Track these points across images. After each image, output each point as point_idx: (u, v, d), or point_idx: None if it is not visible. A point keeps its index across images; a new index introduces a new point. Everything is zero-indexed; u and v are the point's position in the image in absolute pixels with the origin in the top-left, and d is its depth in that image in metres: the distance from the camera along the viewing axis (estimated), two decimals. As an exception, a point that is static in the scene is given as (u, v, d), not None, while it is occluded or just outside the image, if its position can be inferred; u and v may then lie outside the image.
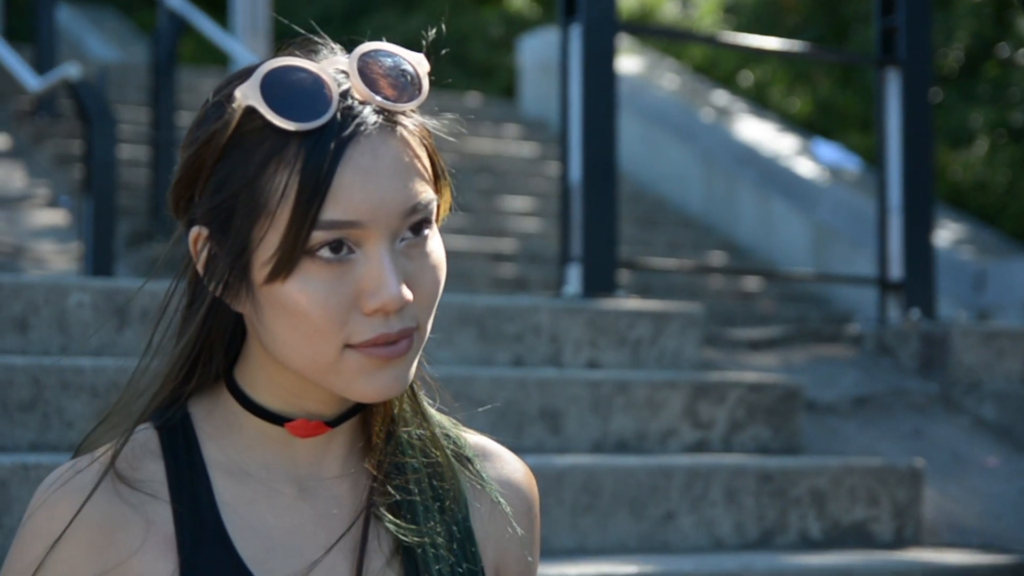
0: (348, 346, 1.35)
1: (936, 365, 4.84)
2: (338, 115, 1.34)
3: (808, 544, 3.84)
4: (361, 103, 1.35)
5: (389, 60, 1.38)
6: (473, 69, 13.34)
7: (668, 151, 9.22)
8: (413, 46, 1.43)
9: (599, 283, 4.55)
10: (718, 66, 11.44)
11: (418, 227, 1.37)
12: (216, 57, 12.41)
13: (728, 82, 11.11)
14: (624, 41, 10.25)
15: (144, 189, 7.21)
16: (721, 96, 9.84)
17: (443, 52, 1.45)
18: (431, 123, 1.42)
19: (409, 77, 1.38)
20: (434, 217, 1.39)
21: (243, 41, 8.50)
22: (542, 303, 4.28)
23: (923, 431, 4.58)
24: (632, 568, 3.37)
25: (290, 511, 1.43)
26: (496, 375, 3.84)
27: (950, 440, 4.54)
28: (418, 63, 1.40)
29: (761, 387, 4.14)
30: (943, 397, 4.75)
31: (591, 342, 4.22)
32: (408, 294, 1.34)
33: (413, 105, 1.38)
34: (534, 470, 3.59)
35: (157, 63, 7.33)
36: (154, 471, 1.41)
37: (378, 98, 1.35)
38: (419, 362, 1.49)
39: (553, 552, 3.55)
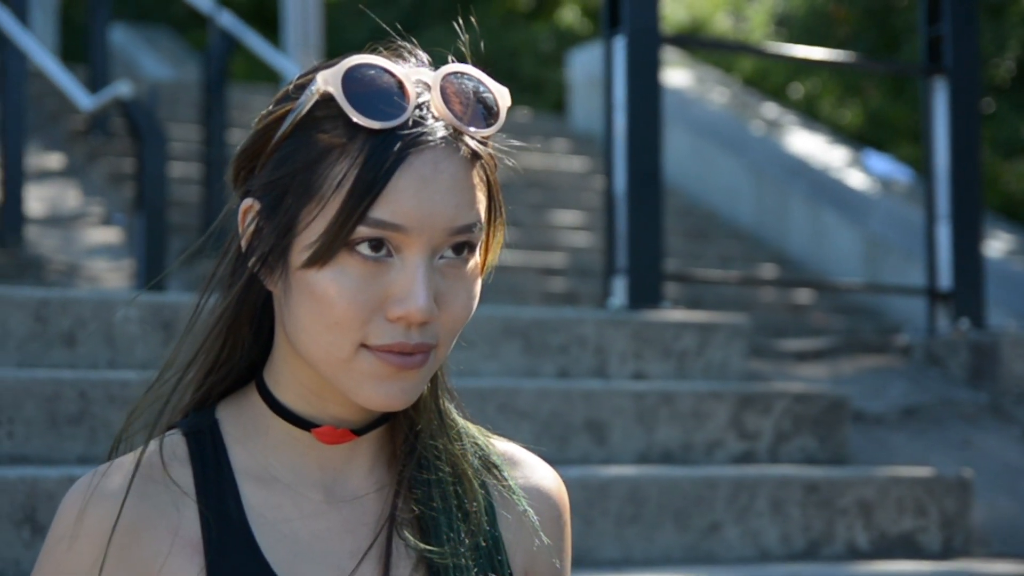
0: (364, 346, 1.36)
1: (985, 375, 4.81)
2: (410, 121, 1.35)
3: (855, 554, 3.82)
4: (435, 118, 1.37)
5: (471, 84, 1.40)
6: (524, 84, 13.37)
7: (718, 164, 9.21)
8: (464, 62, 1.44)
9: (645, 295, 4.55)
10: (768, 79, 11.42)
11: (460, 248, 1.37)
12: (267, 75, 12.50)
13: (778, 95, 11.08)
14: (673, 55, 10.25)
15: (196, 206, 7.27)
16: (771, 109, 9.82)
17: (472, 59, 1.46)
18: (505, 147, 1.44)
19: (487, 105, 1.40)
20: (478, 245, 1.40)
21: (294, 58, 8.55)
22: (587, 315, 4.28)
23: (972, 441, 4.55)
24: (677, 579, 3.37)
25: (316, 516, 1.44)
26: (541, 387, 3.84)
27: (1000, 450, 4.51)
28: (500, 95, 1.42)
29: (807, 398, 4.13)
30: (992, 407, 4.72)
31: (636, 354, 4.22)
32: (434, 310, 1.35)
33: (485, 132, 1.39)
34: (578, 481, 3.62)
35: (208, 81, 7.39)
36: (181, 475, 1.42)
37: (452, 117, 1.37)
38: (445, 373, 1.50)
39: (598, 563, 3.56)
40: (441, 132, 1.36)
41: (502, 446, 1.54)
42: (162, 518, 1.40)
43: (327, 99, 1.37)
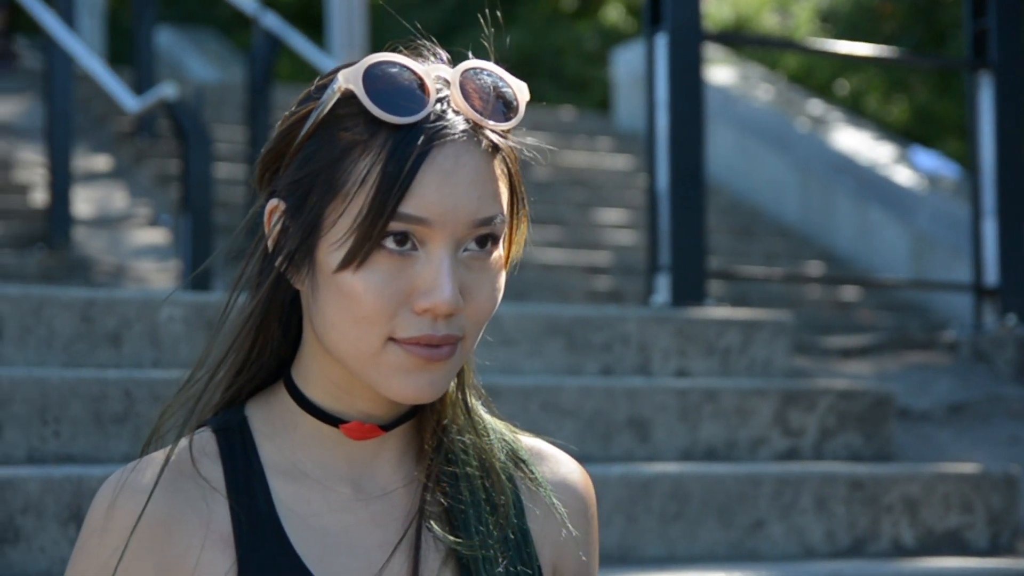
0: (392, 340, 1.38)
1: (1033, 371, 4.78)
2: (431, 116, 1.37)
3: (901, 552, 3.80)
4: (455, 113, 1.39)
5: (490, 79, 1.42)
6: (568, 83, 13.36)
7: (764, 161, 9.18)
8: (508, 62, 1.46)
9: (688, 292, 4.54)
10: (813, 75, 11.38)
11: (483, 241, 1.39)
12: (312, 75, 12.53)
13: (824, 91, 11.04)
14: (718, 53, 10.22)
15: (241, 207, 7.30)
16: (817, 105, 9.78)
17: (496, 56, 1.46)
18: (524, 142, 1.45)
19: (506, 100, 1.42)
20: (501, 238, 1.41)
21: (339, 59, 8.58)
22: (630, 312, 4.28)
23: (1019, 437, 4.52)
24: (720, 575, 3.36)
25: (345, 510, 1.45)
26: (584, 384, 3.84)
27: (1047, 447, 4.48)
28: (519, 89, 1.44)
29: (852, 394, 4.11)
30: (1040, 404, 4.69)
31: (680, 351, 4.21)
32: (460, 302, 1.37)
33: (505, 126, 1.41)
34: (621, 479, 3.61)
35: (253, 82, 7.43)
36: (212, 471, 1.44)
37: (472, 111, 1.39)
38: (471, 370, 1.52)
39: (642, 561, 3.55)
40: (462, 126, 1.38)
41: (528, 441, 1.56)
42: (193, 513, 1.41)
43: (348, 97, 1.39)
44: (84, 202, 7.78)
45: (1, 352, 3.49)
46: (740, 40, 8.93)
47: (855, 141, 8.97)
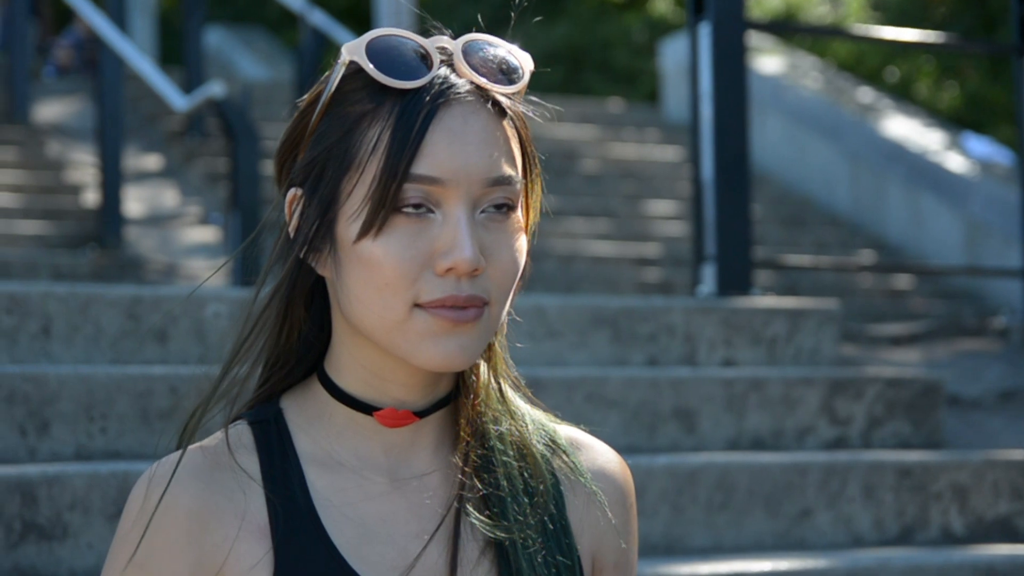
0: (417, 306, 1.38)
1: (1084, 357, 4.74)
2: (435, 80, 1.39)
3: (950, 539, 3.78)
4: (459, 77, 1.40)
5: (492, 49, 1.44)
6: (617, 75, 13.34)
7: (813, 150, 9.13)
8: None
9: (734, 282, 4.53)
10: (863, 63, 11.31)
11: (499, 205, 1.40)
12: (363, 73, 12.55)
13: (874, 79, 10.97)
14: (767, 42, 10.18)
15: (290, 204, 7.33)
16: (866, 93, 9.72)
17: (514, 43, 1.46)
18: (529, 108, 1.46)
19: (510, 67, 1.44)
20: (519, 202, 1.42)
21: (386, 55, 8.60)
22: (676, 303, 4.26)
23: (1071, 424, 4.48)
24: (767, 565, 3.35)
25: (382, 500, 1.45)
26: (629, 375, 3.84)
27: (1099, 433, 4.44)
28: (522, 58, 1.45)
29: (900, 382, 4.08)
30: (1092, 390, 4.65)
31: (726, 341, 4.20)
32: (480, 259, 1.37)
33: (509, 89, 1.42)
34: (667, 469, 3.60)
35: (301, 80, 7.46)
36: (248, 462, 1.44)
37: (476, 76, 1.41)
38: (503, 358, 1.51)
39: (688, 550, 3.55)
40: (467, 87, 1.40)
41: (565, 431, 1.55)
42: (229, 504, 1.42)
43: (354, 73, 1.41)
44: (135, 201, 7.84)
45: (49, 350, 3.52)
46: (785, 28, 8.88)
47: (906, 128, 8.91)
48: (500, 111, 1.42)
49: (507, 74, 1.43)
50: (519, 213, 1.43)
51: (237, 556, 1.41)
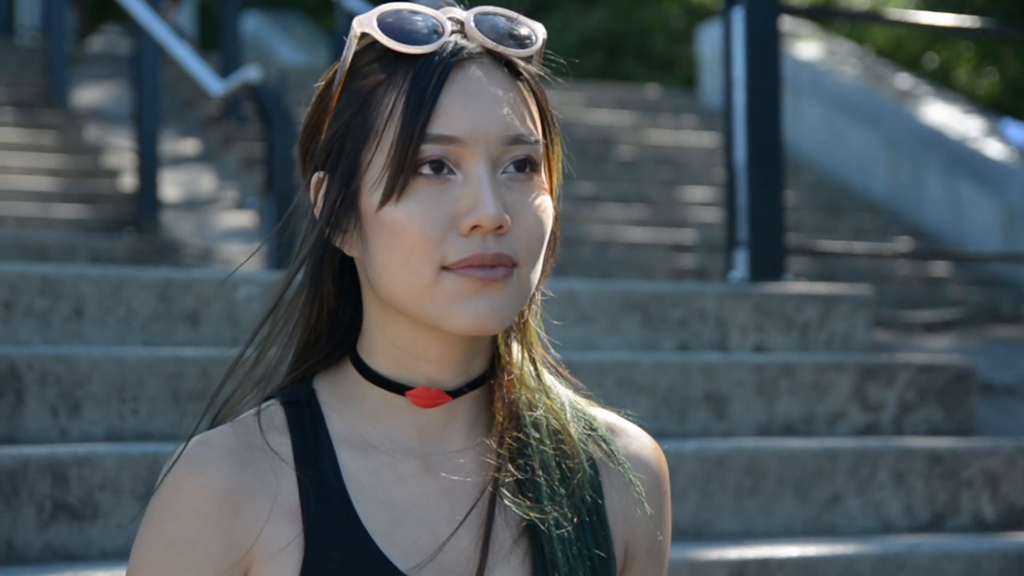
0: (444, 268, 1.37)
1: (1120, 344, 4.70)
2: (447, 45, 1.39)
3: (981, 526, 3.76)
4: (470, 42, 1.40)
5: (503, 19, 1.43)
6: (655, 61, 13.31)
7: (851, 137, 9.09)
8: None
9: (766, 268, 4.51)
10: (902, 49, 11.25)
11: (521, 165, 1.39)
12: (400, 58, 12.55)
13: (912, 65, 10.91)
14: (805, 27, 10.14)
15: (326, 188, 7.34)
16: (905, 79, 9.67)
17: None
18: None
19: (521, 34, 1.43)
20: (542, 164, 1.42)
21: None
22: (708, 288, 4.26)
23: (1105, 412, 4.46)
24: (796, 550, 3.35)
25: (414, 482, 1.43)
26: (659, 360, 3.83)
27: None
28: (534, 27, 1.45)
29: (932, 368, 4.07)
30: None
31: (758, 326, 4.19)
32: (504, 216, 1.36)
33: (521, 52, 1.42)
34: (696, 454, 3.60)
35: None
36: (280, 444, 1.43)
37: (488, 40, 1.41)
38: (538, 339, 1.49)
39: (718, 535, 3.54)
40: (478, 50, 1.40)
41: (603, 415, 1.53)
42: (261, 486, 1.40)
43: (367, 46, 1.41)
44: (172, 186, 7.87)
45: (82, 331, 3.54)
46: (821, 13, 8.83)
47: (944, 115, 8.86)
48: (514, 73, 1.41)
49: (518, 39, 1.42)
50: (542, 175, 1.42)
51: (268, 538, 1.39)
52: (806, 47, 9.72)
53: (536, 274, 1.41)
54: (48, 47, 8.87)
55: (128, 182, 7.59)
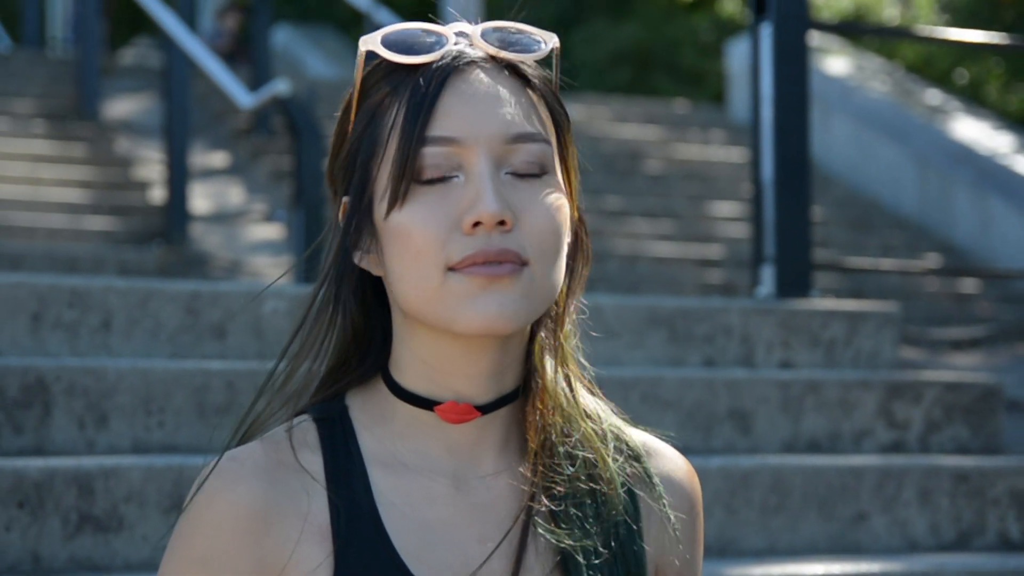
0: (451, 269, 1.36)
1: None
2: (449, 53, 1.40)
3: (1007, 545, 3.74)
4: (475, 50, 1.41)
5: (512, 30, 1.43)
6: (684, 76, 13.30)
7: (880, 152, 9.07)
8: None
9: (793, 284, 4.50)
10: (932, 65, 11.23)
11: (529, 163, 1.39)
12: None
13: (942, 81, 10.89)
14: (835, 43, 10.12)
15: (354, 202, 7.36)
16: (934, 95, 9.65)
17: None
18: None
19: (528, 39, 1.43)
20: (553, 165, 1.41)
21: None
22: (733, 304, 4.25)
23: None
24: (821, 568, 3.34)
25: (445, 503, 1.42)
26: (685, 376, 3.83)
27: None
28: (544, 35, 1.44)
29: (959, 386, 4.05)
30: None
31: (783, 343, 4.18)
32: (507, 210, 1.36)
33: (526, 57, 1.42)
34: (721, 470, 3.60)
35: (366, 78, 7.48)
36: (311, 462, 1.42)
37: (492, 48, 1.41)
38: (570, 356, 1.46)
39: (742, 552, 3.54)
40: (481, 55, 1.41)
41: (638, 436, 1.51)
42: (292, 504, 1.40)
43: (375, 66, 1.42)
44: (201, 198, 7.90)
45: (109, 343, 3.56)
46: (850, 29, 8.83)
47: (974, 131, 8.84)
48: (521, 79, 1.41)
49: (524, 45, 1.42)
50: (557, 177, 1.41)
51: (298, 557, 1.39)
52: (835, 62, 9.71)
53: (555, 275, 1.40)
54: (80, 59, 8.91)
55: (158, 194, 7.62)
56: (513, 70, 1.42)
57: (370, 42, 1.41)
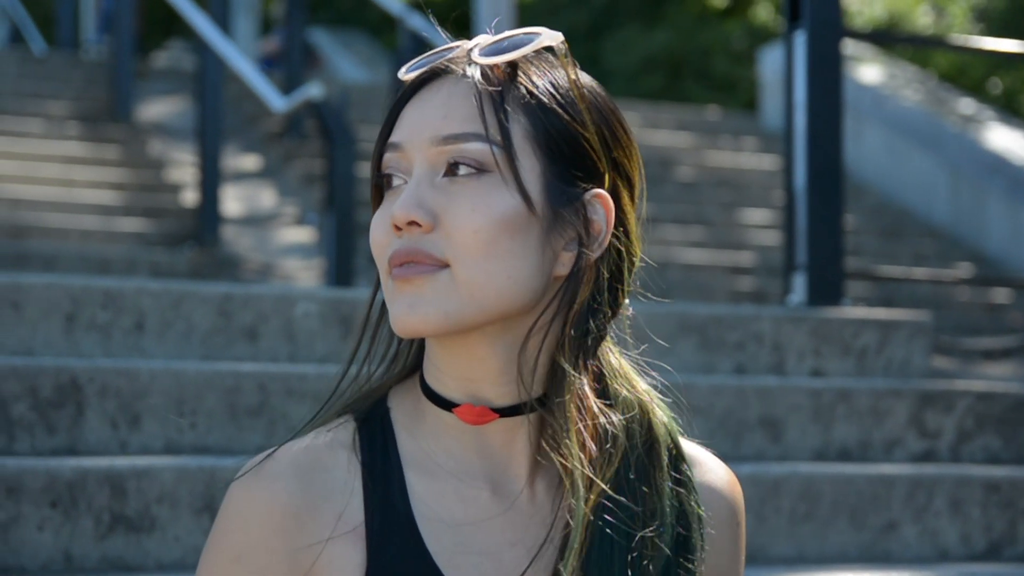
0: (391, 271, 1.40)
1: None
2: (439, 66, 1.42)
3: (1038, 556, 3.73)
4: (460, 59, 1.42)
5: (511, 35, 1.43)
6: (716, 83, 13.29)
7: (913, 161, 9.05)
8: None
9: (825, 292, 4.50)
10: (966, 74, 11.20)
11: (454, 165, 1.38)
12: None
13: (976, 90, 10.85)
14: (868, 51, 10.10)
15: (386, 206, 7.37)
16: (968, 104, 9.61)
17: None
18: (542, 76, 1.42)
19: (512, 42, 1.42)
20: (498, 164, 1.38)
21: (484, 60, 8.63)
22: (765, 312, 4.25)
23: None
24: (850, 577, 3.34)
25: (478, 506, 1.42)
26: (715, 383, 3.83)
27: None
28: (545, 34, 1.42)
29: (991, 396, 4.04)
30: None
31: (815, 351, 4.18)
32: (416, 213, 1.36)
33: (493, 60, 1.40)
34: (751, 478, 3.59)
35: (398, 83, 7.49)
36: (350, 463, 1.42)
37: (470, 50, 1.42)
38: (577, 347, 1.42)
39: (771, 560, 3.53)
40: (463, 65, 1.41)
41: (685, 445, 1.50)
42: (327, 504, 1.40)
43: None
44: (233, 201, 7.93)
45: (142, 345, 3.58)
46: (883, 38, 8.81)
47: (1008, 140, 8.80)
48: (484, 78, 1.40)
49: (506, 48, 1.41)
50: (503, 174, 1.38)
51: (330, 557, 1.39)
52: (868, 70, 9.69)
53: (487, 275, 1.37)
54: (113, 62, 8.96)
55: (190, 197, 7.65)
56: (508, 75, 1.40)
57: (404, 70, 1.45)
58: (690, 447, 1.51)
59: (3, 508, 2.90)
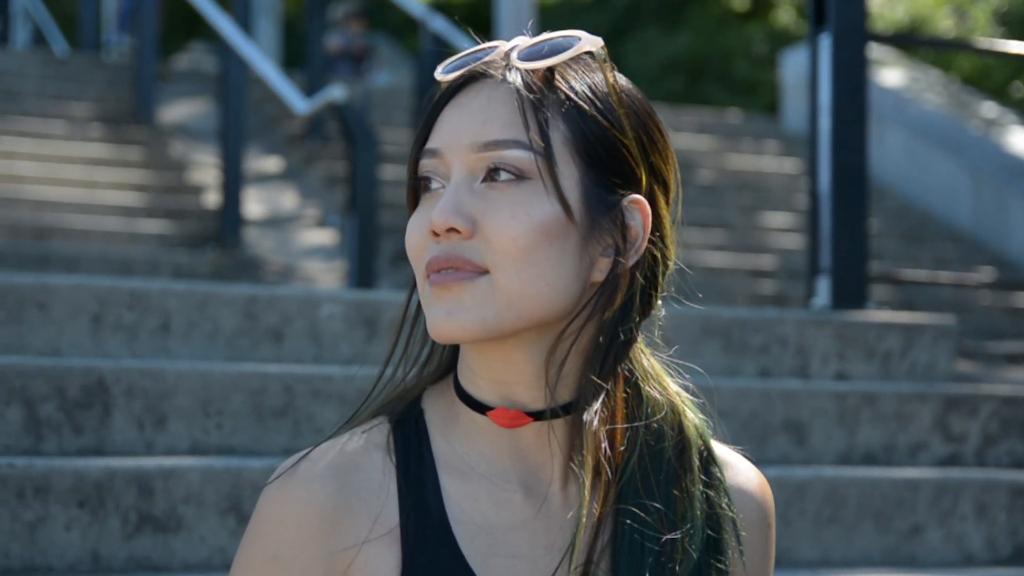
0: (429, 276, 1.39)
1: None
2: (476, 69, 1.41)
3: (1064, 561, 3.72)
4: (498, 63, 1.41)
5: (548, 39, 1.42)
6: (737, 86, 13.27)
7: (935, 165, 9.03)
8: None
9: (848, 295, 4.49)
10: (989, 78, 11.17)
11: (495, 171, 1.37)
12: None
13: (999, 94, 10.83)
14: (890, 54, 10.09)
15: (407, 208, 7.38)
16: (991, 108, 9.59)
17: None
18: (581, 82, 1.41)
19: (549, 47, 1.41)
20: (538, 171, 1.37)
21: (505, 62, 8.64)
22: (788, 315, 4.25)
23: None
24: (875, 581, 3.33)
25: (512, 508, 1.42)
26: (740, 386, 3.83)
27: None
28: (581, 43, 1.41)
29: (1016, 400, 4.03)
30: None
31: (839, 354, 4.17)
32: (455, 219, 1.36)
33: (533, 65, 1.39)
34: (776, 481, 3.58)
35: (420, 85, 7.51)
36: (384, 465, 1.42)
37: (508, 54, 1.41)
38: (641, 355, 1.44)
39: (795, 563, 3.53)
40: (497, 67, 1.40)
41: (716, 448, 1.50)
42: (363, 506, 1.40)
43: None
44: (255, 203, 7.94)
45: (168, 346, 3.59)
46: (907, 41, 8.78)
47: (1030, 144, 8.78)
48: (524, 84, 1.39)
49: (546, 53, 1.40)
50: (544, 182, 1.37)
51: (366, 559, 1.39)
52: (890, 74, 9.68)
53: (527, 282, 1.36)
54: (136, 63, 8.98)
55: (212, 198, 7.67)
56: (547, 80, 1.39)
57: (439, 72, 1.44)
58: (721, 449, 1.51)
59: (31, 508, 2.91)
